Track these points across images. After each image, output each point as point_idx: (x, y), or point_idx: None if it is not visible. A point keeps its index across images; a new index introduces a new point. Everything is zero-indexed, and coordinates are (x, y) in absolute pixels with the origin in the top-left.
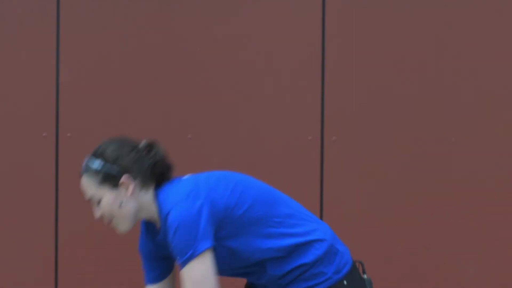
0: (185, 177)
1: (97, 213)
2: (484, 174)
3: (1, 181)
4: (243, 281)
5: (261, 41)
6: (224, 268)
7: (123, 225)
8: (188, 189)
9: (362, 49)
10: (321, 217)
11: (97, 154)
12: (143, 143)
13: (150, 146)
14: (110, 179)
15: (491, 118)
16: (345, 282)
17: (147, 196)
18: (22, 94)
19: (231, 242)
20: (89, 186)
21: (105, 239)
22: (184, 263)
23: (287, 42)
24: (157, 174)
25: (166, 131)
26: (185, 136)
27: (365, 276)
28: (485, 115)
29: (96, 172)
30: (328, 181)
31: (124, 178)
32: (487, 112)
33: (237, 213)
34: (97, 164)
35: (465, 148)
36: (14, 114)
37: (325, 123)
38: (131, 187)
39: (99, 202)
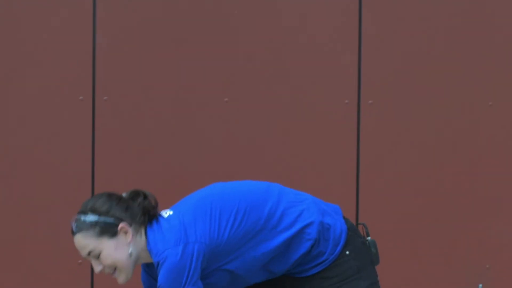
0: (168, 216)
1: (98, 267)
2: None
3: (39, 145)
4: None
5: (298, 3)
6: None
7: (126, 273)
8: (175, 235)
9: (399, 11)
10: (357, 181)
11: (87, 210)
12: (126, 193)
13: (134, 194)
14: (108, 228)
15: None
16: (347, 252)
17: (142, 241)
18: (59, 58)
19: (228, 266)
20: (87, 241)
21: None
22: None
23: (324, 4)
24: (146, 217)
25: (203, 95)
26: (222, 100)
27: (369, 238)
28: None
29: (92, 225)
30: (365, 144)
31: (122, 225)
32: None
33: (224, 238)
34: (91, 218)
35: (502, 111)
36: (51, 78)
37: (361, 86)
38: (130, 232)
39: (98, 255)
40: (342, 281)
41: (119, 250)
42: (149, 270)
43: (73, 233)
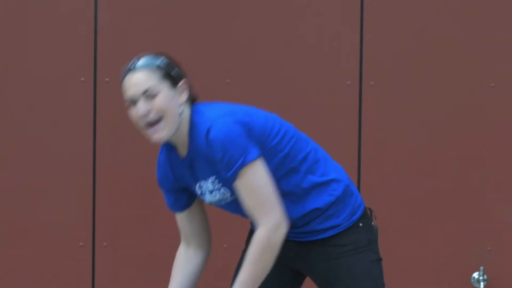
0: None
1: (144, 108)
2: None
3: (41, 126)
4: None
5: None
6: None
7: (169, 128)
8: (224, 108)
9: None
10: (359, 162)
11: (157, 54)
12: None
13: None
14: (171, 78)
15: None
16: (360, 224)
17: (186, 112)
18: (60, 39)
19: None
20: (149, 79)
21: (143, 181)
22: (235, 173)
23: None
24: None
25: (205, 76)
26: (224, 81)
27: (372, 224)
28: None
29: (159, 67)
30: (366, 125)
31: (182, 82)
32: None
33: (271, 143)
34: (161, 60)
35: (505, 93)
36: (53, 59)
37: (363, 68)
38: (186, 93)
39: (154, 96)
40: (354, 250)
41: (174, 102)
42: (172, 159)
43: (133, 69)
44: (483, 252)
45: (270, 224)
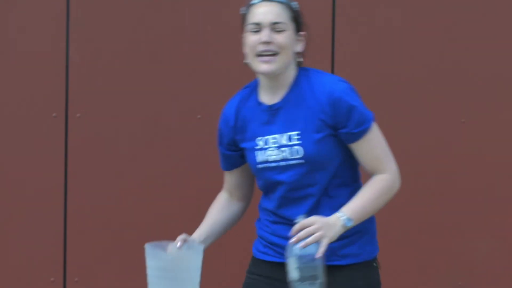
0: None
1: (268, 37)
2: (493, 155)
3: (12, 162)
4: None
5: None
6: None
7: (280, 65)
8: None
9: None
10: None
11: None
12: None
13: None
14: (297, 24)
15: (500, 99)
16: (374, 264)
17: (293, 64)
18: (32, 75)
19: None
20: (281, 14)
21: (114, 218)
22: (366, 130)
23: None
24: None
25: (175, 111)
26: (195, 116)
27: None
28: (494, 96)
29: (291, 9)
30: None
31: (304, 33)
32: (496, 93)
33: None
34: (294, 4)
35: (474, 129)
36: (25, 95)
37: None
38: (302, 45)
39: (280, 31)
40: (366, 286)
41: (293, 46)
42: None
43: (269, 0)
44: (454, 287)
45: (395, 170)
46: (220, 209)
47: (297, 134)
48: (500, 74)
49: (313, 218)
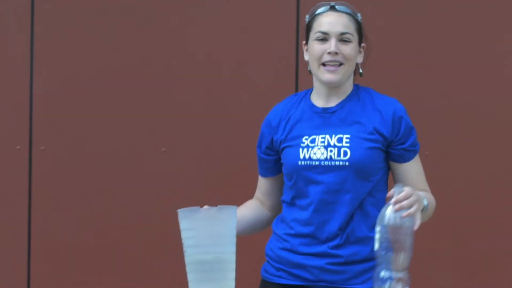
0: None
1: (337, 47)
2: (455, 186)
3: None
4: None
5: (236, 53)
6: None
7: (343, 76)
8: None
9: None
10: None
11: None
12: None
13: None
14: (360, 36)
15: (465, 132)
16: None
17: (351, 79)
18: None
19: None
20: (349, 25)
21: (78, 251)
22: (418, 150)
23: (261, 53)
24: None
25: (140, 144)
26: (159, 149)
27: None
28: (457, 129)
29: (356, 20)
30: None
31: (364, 45)
32: (458, 126)
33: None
34: (359, 15)
35: (438, 161)
36: None
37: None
38: (362, 56)
39: (347, 42)
40: None
41: (356, 57)
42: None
43: (336, 9)
44: None
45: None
46: (249, 207)
47: (348, 138)
48: (462, 107)
49: (411, 190)
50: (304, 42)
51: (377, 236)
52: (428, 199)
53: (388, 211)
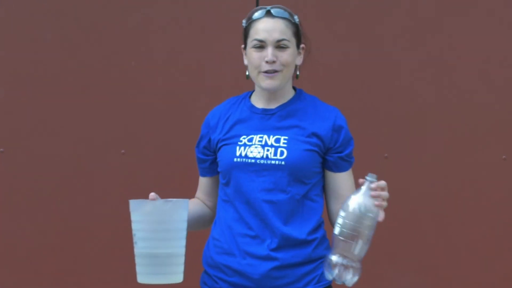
0: None
1: (273, 55)
2: (415, 188)
3: None
4: None
5: (197, 52)
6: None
7: (281, 81)
8: None
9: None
10: None
11: (291, 11)
12: None
13: None
14: (298, 38)
15: (422, 134)
16: None
17: (290, 82)
18: None
19: None
20: (285, 31)
21: (36, 251)
22: (353, 163)
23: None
24: None
25: (99, 146)
26: (119, 151)
27: None
28: (415, 131)
29: (294, 24)
30: None
31: (303, 46)
32: (416, 128)
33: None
34: (296, 18)
35: (397, 163)
36: None
37: None
38: (302, 57)
39: (284, 48)
40: None
41: (294, 60)
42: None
43: (271, 15)
44: None
45: None
46: (195, 203)
47: (286, 139)
48: (419, 110)
49: (385, 184)
50: (242, 46)
51: (339, 220)
52: None
53: (356, 198)
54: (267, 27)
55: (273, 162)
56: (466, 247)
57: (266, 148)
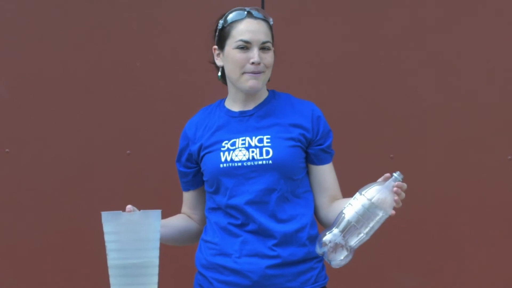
0: None
1: (258, 57)
2: (420, 188)
3: None
4: None
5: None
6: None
7: (263, 82)
8: None
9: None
10: None
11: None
12: None
13: None
14: (273, 40)
15: (428, 135)
16: None
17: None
18: None
19: None
20: (268, 33)
21: (41, 252)
22: (333, 154)
23: None
24: None
25: (104, 147)
26: (124, 152)
27: None
28: (422, 132)
29: (271, 27)
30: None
31: (273, 48)
32: (422, 129)
33: None
34: (271, 20)
35: (403, 163)
36: None
37: None
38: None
39: (267, 50)
40: None
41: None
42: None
43: (254, 17)
44: None
45: None
46: (179, 217)
47: (269, 138)
48: (425, 110)
49: (406, 186)
50: (216, 47)
51: (354, 202)
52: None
53: (380, 189)
54: (252, 28)
55: (260, 162)
56: (472, 248)
57: (250, 149)
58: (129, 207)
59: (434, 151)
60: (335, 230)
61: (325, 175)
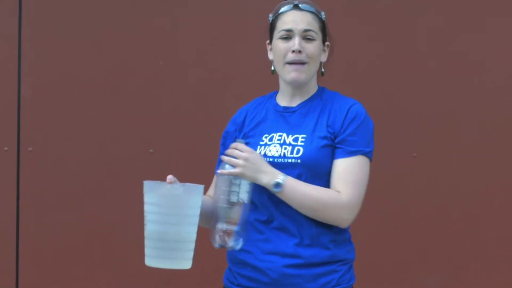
0: None
1: (300, 45)
2: (443, 188)
3: None
4: None
5: (226, 54)
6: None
7: (307, 75)
8: None
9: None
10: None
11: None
12: None
13: None
14: (324, 34)
15: (451, 134)
16: None
17: (315, 78)
18: None
19: None
20: (312, 23)
21: (66, 253)
22: (355, 153)
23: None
24: None
25: (127, 146)
26: (147, 151)
27: None
28: (444, 131)
29: (320, 19)
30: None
31: (328, 43)
32: (446, 128)
33: None
34: (323, 14)
35: (426, 162)
36: None
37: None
38: (326, 55)
39: (310, 40)
40: None
41: (319, 56)
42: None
43: (299, 8)
44: None
45: (350, 200)
46: (208, 198)
47: (304, 137)
48: (448, 110)
49: (247, 150)
50: (268, 41)
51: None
52: (295, 185)
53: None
54: (295, 18)
55: (289, 160)
56: (496, 247)
57: (284, 146)
58: (170, 177)
59: (457, 150)
60: (219, 225)
61: (338, 167)
